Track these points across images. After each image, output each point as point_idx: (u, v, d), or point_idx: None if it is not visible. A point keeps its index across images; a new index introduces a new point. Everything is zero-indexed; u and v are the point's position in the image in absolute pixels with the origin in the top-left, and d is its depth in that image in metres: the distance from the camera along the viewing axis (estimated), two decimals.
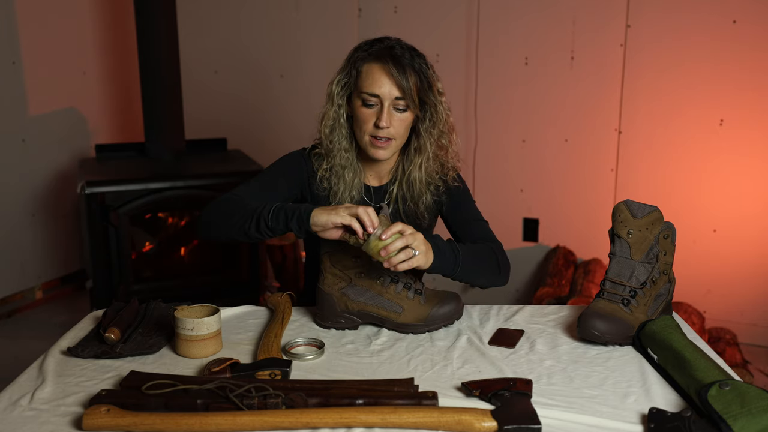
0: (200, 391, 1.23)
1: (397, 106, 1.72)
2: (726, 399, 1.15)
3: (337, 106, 1.78)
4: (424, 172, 1.81)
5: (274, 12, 3.99)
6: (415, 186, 1.82)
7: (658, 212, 1.55)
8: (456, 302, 1.62)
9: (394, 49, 1.73)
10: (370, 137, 1.74)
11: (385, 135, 1.73)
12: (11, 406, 1.27)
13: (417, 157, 1.81)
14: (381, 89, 1.71)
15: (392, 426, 1.17)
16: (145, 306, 1.67)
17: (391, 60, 1.70)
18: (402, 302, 1.59)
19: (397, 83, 1.70)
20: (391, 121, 1.72)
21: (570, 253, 3.53)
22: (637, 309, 1.51)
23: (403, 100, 1.71)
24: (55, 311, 3.81)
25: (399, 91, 1.70)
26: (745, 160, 3.23)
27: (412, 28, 3.70)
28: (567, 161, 3.55)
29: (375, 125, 1.72)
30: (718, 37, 3.17)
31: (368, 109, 1.73)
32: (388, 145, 1.75)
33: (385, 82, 1.70)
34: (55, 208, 3.97)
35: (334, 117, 1.78)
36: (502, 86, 3.59)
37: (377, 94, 1.71)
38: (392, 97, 1.71)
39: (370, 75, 1.72)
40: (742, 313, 3.34)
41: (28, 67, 3.74)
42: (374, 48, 1.74)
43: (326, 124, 1.79)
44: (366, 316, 1.61)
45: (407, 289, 1.60)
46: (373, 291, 1.60)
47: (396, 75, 1.69)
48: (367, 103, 1.72)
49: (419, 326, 1.58)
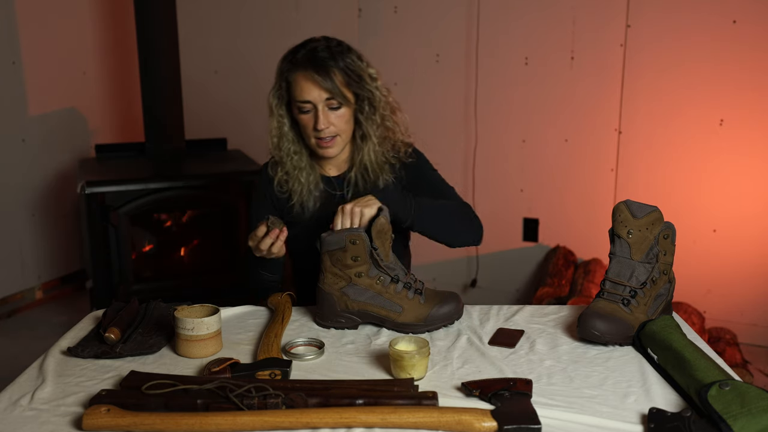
0: (200, 391, 1.23)
1: (331, 106, 1.82)
2: (726, 399, 1.15)
3: (279, 116, 1.90)
4: (374, 155, 1.90)
5: (274, 12, 3.99)
6: (370, 169, 1.91)
7: (658, 212, 1.55)
8: (456, 302, 1.62)
9: (315, 52, 1.82)
10: (316, 139, 1.85)
11: (328, 134, 1.84)
12: (11, 406, 1.27)
13: (365, 144, 1.90)
14: (310, 95, 1.81)
15: (392, 426, 1.17)
16: (145, 306, 1.67)
17: (312, 66, 1.80)
18: (402, 302, 1.59)
19: (321, 86, 1.79)
20: (329, 121, 1.82)
21: (570, 253, 3.53)
22: (637, 309, 1.51)
23: (333, 99, 1.81)
24: (55, 311, 3.81)
25: (326, 92, 1.80)
26: (745, 160, 3.23)
27: (412, 28, 3.70)
28: (567, 161, 3.55)
29: (314, 128, 1.82)
30: (718, 37, 3.17)
31: (306, 115, 1.84)
32: (333, 142, 1.86)
33: (311, 88, 1.80)
34: (55, 208, 3.97)
35: (278, 127, 1.90)
36: (502, 86, 3.59)
37: (308, 100, 1.81)
38: (323, 99, 1.81)
39: (297, 84, 1.82)
40: (742, 313, 3.34)
41: (28, 67, 3.74)
42: (297, 56, 1.83)
43: (273, 135, 1.92)
44: (366, 316, 1.61)
45: (407, 288, 1.60)
46: (373, 291, 1.60)
47: (319, 79, 1.79)
48: (303, 110, 1.83)
49: (419, 326, 1.58)
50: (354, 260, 1.59)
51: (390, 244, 1.64)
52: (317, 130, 1.83)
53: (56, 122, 3.93)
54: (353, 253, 1.59)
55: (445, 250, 1.99)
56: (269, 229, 1.74)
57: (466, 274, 3.81)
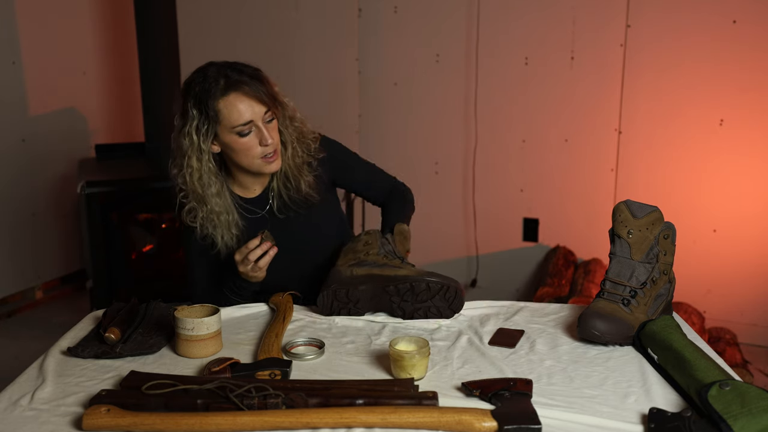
0: (200, 391, 1.23)
1: (267, 119, 1.77)
2: (726, 399, 1.15)
3: (203, 153, 1.79)
4: (292, 159, 1.87)
5: (274, 12, 3.99)
6: (290, 175, 1.88)
7: (658, 212, 1.55)
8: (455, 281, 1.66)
9: (228, 74, 1.75)
10: (262, 159, 1.79)
11: (273, 148, 1.78)
12: (11, 406, 1.27)
13: (285, 150, 1.86)
14: (250, 114, 1.74)
15: (392, 426, 1.17)
16: (145, 306, 1.67)
17: (238, 84, 1.74)
18: (404, 268, 1.68)
19: (258, 99, 1.74)
20: (271, 134, 1.78)
21: (570, 253, 3.53)
22: (637, 309, 1.51)
23: (269, 111, 1.76)
24: (55, 311, 3.81)
25: (263, 105, 1.75)
26: (745, 160, 3.23)
27: (412, 28, 3.70)
28: (567, 161, 3.55)
29: (262, 145, 1.76)
30: (718, 37, 3.17)
31: (245, 138, 1.76)
32: (276, 155, 1.81)
33: (249, 105, 1.74)
34: (55, 208, 3.97)
35: (201, 165, 1.80)
36: (502, 86, 3.59)
37: (249, 120, 1.74)
38: (261, 114, 1.76)
39: (232, 108, 1.73)
40: (742, 313, 3.34)
41: (28, 67, 3.74)
42: (212, 83, 1.75)
43: (194, 176, 1.81)
44: (371, 279, 1.65)
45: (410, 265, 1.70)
46: (379, 263, 1.68)
47: (252, 93, 1.74)
48: (243, 133, 1.75)
49: (418, 280, 1.62)
50: (365, 245, 1.70)
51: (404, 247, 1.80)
52: (265, 146, 1.76)
53: (56, 122, 3.93)
54: (366, 239, 1.72)
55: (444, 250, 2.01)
56: (262, 241, 1.72)
57: (466, 274, 3.81)
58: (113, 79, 4.26)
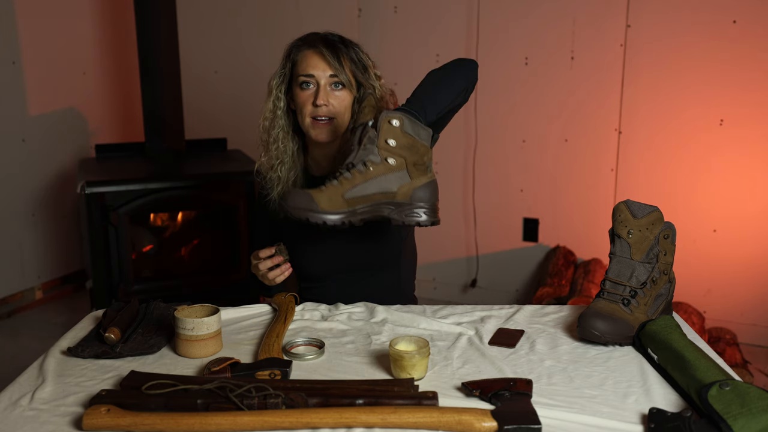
0: (200, 391, 1.23)
1: (333, 83, 1.80)
2: (726, 399, 1.15)
3: (276, 99, 1.86)
4: None
5: (274, 12, 3.99)
6: None
7: (659, 212, 1.55)
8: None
9: (326, 36, 1.84)
10: (311, 119, 1.81)
11: (325, 114, 1.80)
12: (11, 406, 1.27)
13: None
14: (315, 69, 1.79)
15: (392, 426, 1.17)
16: (145, 306, 1.67)
17: (322, 43, 1.81)
18: None
19: (328, 63, 1.79)
20: (329, 99, 1.79)
21: (570, 253, 3.53)
22: (637, 309, 1.51)
23: (336, 77, 1.79)
24: (55, 311, 3.81)
25: (331, 69, 1.79)
26: (745, 160, 3.23)
27: (412, 28, 3.70)
28: (567, 161, 3.55)
29: (313, 104, 1.79)
30: (718, 37, 3.17)
31: (305, 91, 1.81)
32: (329, 124, 1.81)
33: (318, 62, 1.79)
34: (55, 208, 3.97)
35: (272, 110, 1.86)
36: (502, 86, 3.59)
37: (311, 74, 1.79)
38: (326, 76, 1.79)
39: (304, 60, 1.81)
40: (742, 313, 3.34)
41: (28, 67, 3.74)
42: (307, 39, 1.84)
43: (265, 117, 1.87)
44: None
45: None
46: None
47: (328, 54, 1.79)
48: (304, 85, 1.80)
49: None
50: None
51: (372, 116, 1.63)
52: (315, 106, 1.78)
53: (56, 122, 3.93)
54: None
55: (444, 250, 2.00)
56: (274, 254, 1.72)
57: (466, 274, 3.81)
58: (113, 79, 4.26)
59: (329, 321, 1.65)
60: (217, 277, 3.40)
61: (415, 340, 1.39)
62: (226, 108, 4.19)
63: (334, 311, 1.71)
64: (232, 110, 4.18)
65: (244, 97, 4.13)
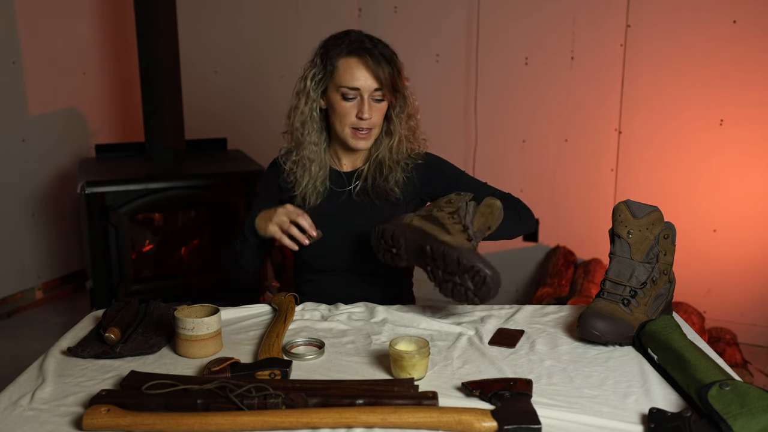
0: (200, 391, 1.23)
1: (375, 97, 1.80)
2: (726, 399, 1.15)
3: (312, 101, 1.85)
4: (393, 151, 1.88)
5: (274, 12, 3.99)
6: (384, 165, 1.89)
7: (659, 212, 1.55)
8: (495, 271, 1.53)
9: (364, 42, 1.81)
10: (352, 129, 1.82)
11: (367, 126, 1.81)
12: (11, 406, 1.27)
13: (387, 139, 1.88)
14: (360, 82, 1.78)
15: (392, 426, 1.17)
16: (145, 306, 1.67)
17: (367, 53, 1.78)
18: (456, 236, 1.59)
19: (374, 75, 1.77)
20: (372, 113, 1.79)
21: (570, 253, 3.53)
22: (637, 309, 1.51)
23: (380, 90, 1.79)
24: (55, 311, 3.81)
25: (377, 82, 1.78)
26: (745, 160, 3.23)
27: (412, 28, 3.70)
28: (567, 161, 3.55)
29: (357, 117, 1.79)
30: (718, 37, 3.17)
31: (348, 102, 1.80)
32: (369, 135, 1.83)
33: (363, 75, 1.78)
34: (55, 208, 3.97)
35: (307, 112, 1.85)
36: (502, 86, 3.59)
37: (357, 87, 1.78)
38: (371, 89, 1.79)
39: (348, 70, 1.78)
40: (742, 313, 3.34)
41: (28, 67, 3.74)
42: (346, 42, 1.81)
43: (298, 119, 1.86)
44: (419, 233, 1.60)
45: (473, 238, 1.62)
46: (440, 221, 1.63)
47: (373, 67, 1.77)
48: (347, 96, 1.79)
49: (455, 248, 1.53)
50: (447, 203, 1.66)
51: (486, 222, 1.66)
52: (360, 119, 1.79)
53: (56, 122, 3.93)
54: (451, 198, 1.68)
55: None
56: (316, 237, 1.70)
57: None
58: (113, 79, 4.26)
59: (329, 321, 1.66)
60: (217, 277, 3.40)
61: (415, 340, 1.39)
62: (226, 108, 4.19)
63: (334, 311, 1.71)
64: (232, 110, 4.18)
65: (244, 97, 4.13)
